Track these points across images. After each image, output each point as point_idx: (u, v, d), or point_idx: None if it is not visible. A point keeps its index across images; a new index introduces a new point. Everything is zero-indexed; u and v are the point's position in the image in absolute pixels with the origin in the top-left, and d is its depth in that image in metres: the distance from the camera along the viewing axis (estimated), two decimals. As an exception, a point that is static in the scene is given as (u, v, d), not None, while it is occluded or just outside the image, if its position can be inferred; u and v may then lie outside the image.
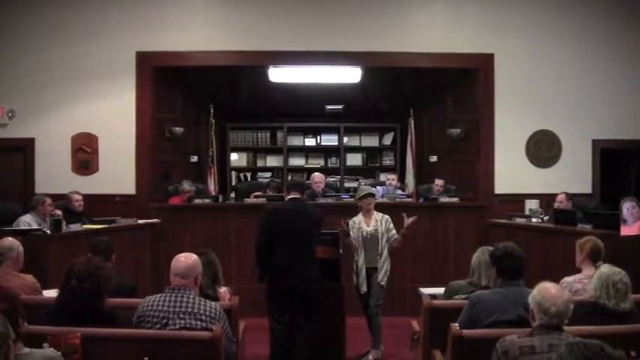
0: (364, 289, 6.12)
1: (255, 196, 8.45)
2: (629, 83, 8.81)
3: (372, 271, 6.15)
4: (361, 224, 6.20)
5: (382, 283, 6.14)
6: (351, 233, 6.14)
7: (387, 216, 6.29)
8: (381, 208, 6.50)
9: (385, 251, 6.17)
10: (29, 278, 4.70)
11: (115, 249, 4.93)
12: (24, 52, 8.46)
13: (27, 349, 2.78)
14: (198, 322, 3.72)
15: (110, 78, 8.51)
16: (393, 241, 6.21)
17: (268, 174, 10.98)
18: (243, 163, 11.11)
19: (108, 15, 8.50)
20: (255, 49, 8.58)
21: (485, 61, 8.70)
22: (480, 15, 8.69)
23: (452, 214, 8.19)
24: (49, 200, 7.18)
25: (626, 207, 6.83)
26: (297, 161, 11.16)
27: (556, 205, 7.78)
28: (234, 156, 11.05)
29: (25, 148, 8.52)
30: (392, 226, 6.24)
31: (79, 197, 7.63)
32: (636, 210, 6.80)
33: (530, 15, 8.71)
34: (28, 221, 6.85)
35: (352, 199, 8.19)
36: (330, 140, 11.13)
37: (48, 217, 6.97)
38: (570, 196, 7.85)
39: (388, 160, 11.11)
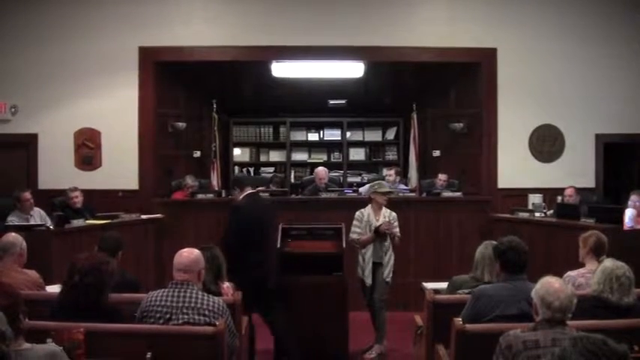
0: (369, 281, 6.12)
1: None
2: (633, 77, 8.78)
3: (377, 266, 6.15)
4: (370, 217, 6.19)
5: (388, 279, 6.15)
6: (359, 224, 6.17)
7: (394, 213, 6.28)
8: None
9: (390, 247, 6.18)
10: (32, 274, 4.69)
11: (123, 246, 4.90)
12: (26, 48, 8.46)
13: (28, 345, 2.78)
14: (202, 317, 3.72)
15: (112, 73, 8.51)
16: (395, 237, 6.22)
17: (271, 169, 10.98)
18: (246, 158, 11.12)
19: (110, 11, 8.49)
20: (258, 44, 8.56)
21: (488, 56, 8.69)
22: (482, 9, 8.67)
23: (455, 209, 8.18)
24: (25, 195, 7.01)
25: (632, 200, 6.80)
26: (299, 156, 11.15)
27: (565, 199, 7.80)
28: (237, 151, 11.05)
29: (27, 144, 8.52)
30: (396, 222, 6.23)
31: (76, 194, 7.53)
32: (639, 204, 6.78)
33: (533, 9, 8.69)
34: (13, 220, 6.73)
35: (355, 195, 8.22)
36: (332, 135, 11.13)
37: (31, 211, 7.00)
38: (579, 190, 7.86)
39: (391, 155, 11.10)
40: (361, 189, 8.47)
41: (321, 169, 8.84)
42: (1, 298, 2.77)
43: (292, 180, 10.88)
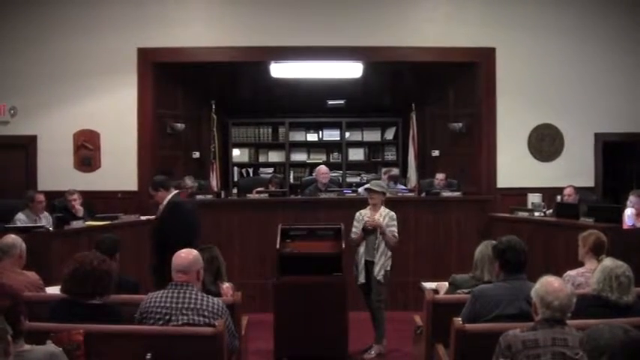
0: (361, 279, 6.11)
1: (258, 192, 8.46)
2: (631, 76, 8.78)
3: (371, 265, 6.13)
4: (366, 217, 6.20)
5: (378, 277, 6.05)
6: (357, 224, 6.17)
7: (392, 212, 6.25)
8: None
9: (382, 246, 6.10)
10: (32, 275, 4.70)
11: (119, 247, 4.90)
12: (25, 49, 8.45)
13: (28, 346, 2.77)
14: (201, 318, 3.72)
15: (111, 74, 8.50)
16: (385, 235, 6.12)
17: (270, 169, 10.97)
18: (245, 159, 11.11)
19: (109, 11, 8.48)
20: (257, 44, 8.56)
21: (487, 56, 8.68)
22: (481, 9, 8.67)
23: (454, 209, 8.18)
24: (39, 196, 7.07)
25: (631, 201, 6.80)
26: (299, 157, 11.15)
27: (564, 198, 7.80)
28: (236, 152, 11.04)
29: (27, 146, 8.51)
30: (392, 222, 6.18)
31: (75, 197, 7.51)
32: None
33: (532, 9, 8.69)
34: (21, 219, 6.77)
35: (354, 195, 8.24)
36: (331, 135, 11.13)
37: (41, 213, 6.98)
38: (578, 190, 7.87)
39: (390, 155, 11.10)
40: (360, 189, 8.48)
41: (322, 167, 8.86)
42: (2, 299, 2.77)
43: (291, 180, 10.89)
